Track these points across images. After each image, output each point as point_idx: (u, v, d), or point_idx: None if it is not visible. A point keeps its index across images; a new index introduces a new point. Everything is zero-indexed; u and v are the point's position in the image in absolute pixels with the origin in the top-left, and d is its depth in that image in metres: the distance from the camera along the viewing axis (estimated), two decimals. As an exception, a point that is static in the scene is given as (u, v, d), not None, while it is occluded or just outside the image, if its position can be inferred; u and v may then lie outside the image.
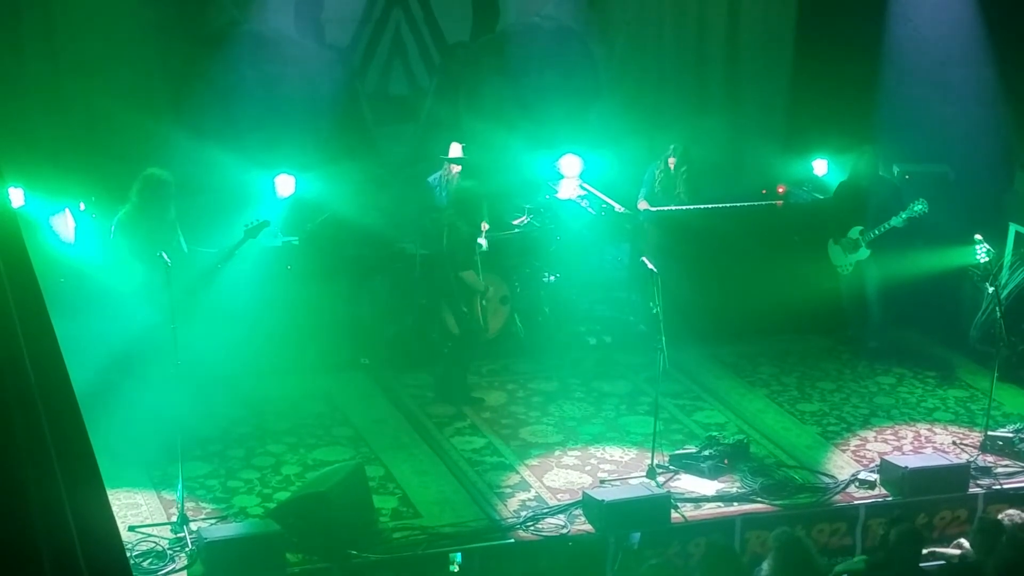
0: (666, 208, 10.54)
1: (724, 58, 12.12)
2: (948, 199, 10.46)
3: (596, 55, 11.89)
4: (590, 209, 10.65)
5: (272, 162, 10.33)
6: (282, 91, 11.04)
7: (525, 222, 10.53)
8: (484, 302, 9.26)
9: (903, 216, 9.83)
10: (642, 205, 10.61)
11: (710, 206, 10.61)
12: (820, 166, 11.48)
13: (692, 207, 10.57)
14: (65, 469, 3.47)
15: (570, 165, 11.05)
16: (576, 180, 11.01)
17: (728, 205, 10.66)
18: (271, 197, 9.91)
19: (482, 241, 10.27)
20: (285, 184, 9.97)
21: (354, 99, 11.35)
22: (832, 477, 8.29)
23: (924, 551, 6.90)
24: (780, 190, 11.11)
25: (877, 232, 9.94)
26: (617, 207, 10.57)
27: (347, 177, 10.79)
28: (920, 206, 9.74)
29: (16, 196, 8.76)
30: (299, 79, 11.11)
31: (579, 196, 10.78)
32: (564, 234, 10.61)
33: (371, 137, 11.48)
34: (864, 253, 10.07)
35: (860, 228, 10.03)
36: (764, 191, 11.12)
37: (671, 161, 10.60)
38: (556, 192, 10.93)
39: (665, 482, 8.03)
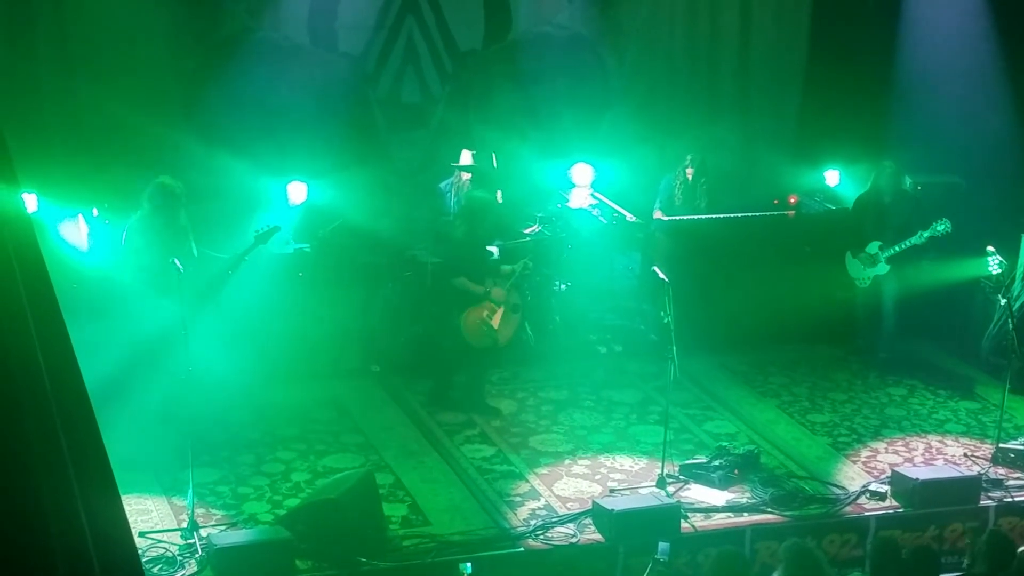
0: (677, 217, 10.53)
1: (736, 67, 12.12)
2: (960, 210, 10.42)
3: (608, 64, 11.90)
4: (601, 218, 10.65)
5: (284, 169, 10.36)
6: (294, 98, 11.05)
7: (536, 231, 10.54)
8: (487, 314, 9.03)
9: (925, 235, 9.79)
10: (658, 215, 10.61)
11: (721, 216, 10.60)
12: (832, 176, 11.46)
13: (703, 217, 10.56)
14: (80, 474, 3.48)
15: (581, 174, 11.05)
16: (587, 189, 11.01)
17: (740, 215, 10.65)
18: (283, 204, 9.93)
19: (493, 249, 10.29)
20: (297, 191, 9.99)
21: (366, 106, 11.37)
22: (843, 488, 8.27)
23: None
24: (792, 200, 11.10)
25: (897, 249, 9.91)
26: (628, 216, 10.58)
27: (359, 184, 10.81)
28: (943, 226, 9.70)
29: (30, 202, 8.79)
30: (312, 86, 11.13)
31: (590, 205, 10.78)
32: (575, 243, 10.61)
33: (383, 144, 11.49)
34: (883, 268, 10.03)
35: (879, 243, 10.00)
36: (776, 201, 11.11)
37: (689, 172, 10.59)
38: (567, 201, 10.93)
39: (675, 492, 8.03)
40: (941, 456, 8.85)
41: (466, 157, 10.39)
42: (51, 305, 3.64)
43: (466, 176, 10.35)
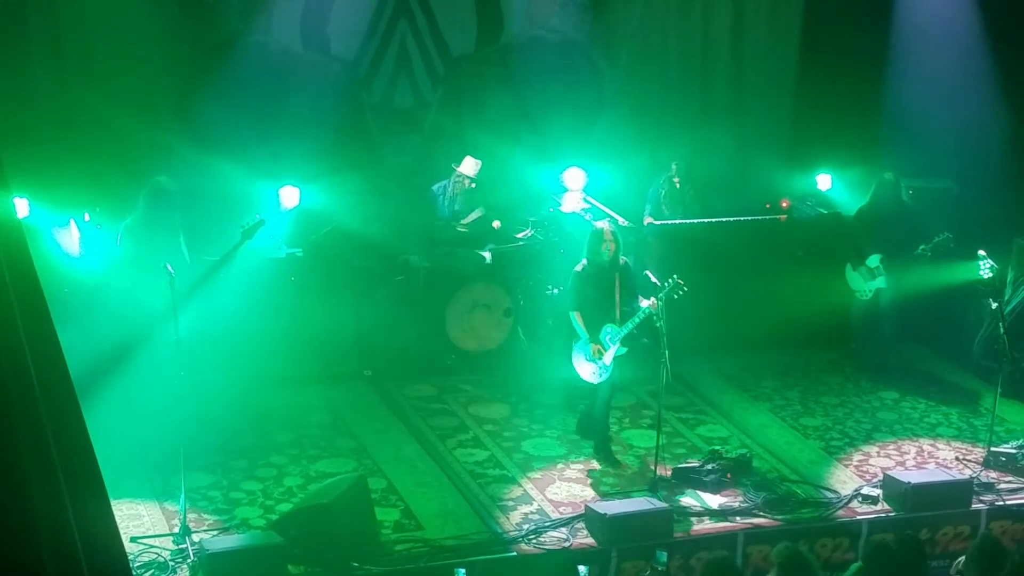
0: (670, 221, 10.54)
1: (728, 71, 12.13)
2: (952, 214, 10.45)
3: (600, 68, 11.91)
4: (594, 222, 10.64)
5: (277, 173, 10.36)
6: (287, 102, 11.07)
7: (529, 235, 10.56)
8: (598, 350, 8.32)
9: (928, 250, 9.78)
10: (648, 221, 10.59)
11: (714, 220, 10.61)
12: (824, 180, 11.48)
13: (696, 220, 10.57)
14: (69, 479, 3.47)
15: (574, 178, 11.05)
16: (580, 193, 11.01)
17: (732, 219, 10.66)
18: (276, 208, 9.91)
19: (486, 254, 10.30)
20: (290, 195, 9.98)
21: (359, 111, 11.37)
22: (835, 492, 8.28)
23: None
24: (784, 204, 11.11)
25: (899, 263, 9.91)
26: (621, 220, 10.57)
27: (351, 188, 10.82)
28: (943, 239, 9.69)
29: (21, 206, 8.78)
30: (304, 91, 11.14)
31: (583, 209, 10.79)
32: (567, 247, 10.61)
33: (376, 148, 11.49)
34: (884, 282, 10.05)
35: (880, 256, 10.00)
36: (768, 205, 11.12)
37: (676, 181, 10.59)
38: (560, 205, 10.93)
39: (668, 496, 8.03)
40: (933, 460, 8.87)
41: (469, 165, 10.36)
42: (41, 311, 3.64)
43: (468, 183, 10.36)
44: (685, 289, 8.19)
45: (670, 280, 8.19)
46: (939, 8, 11.80)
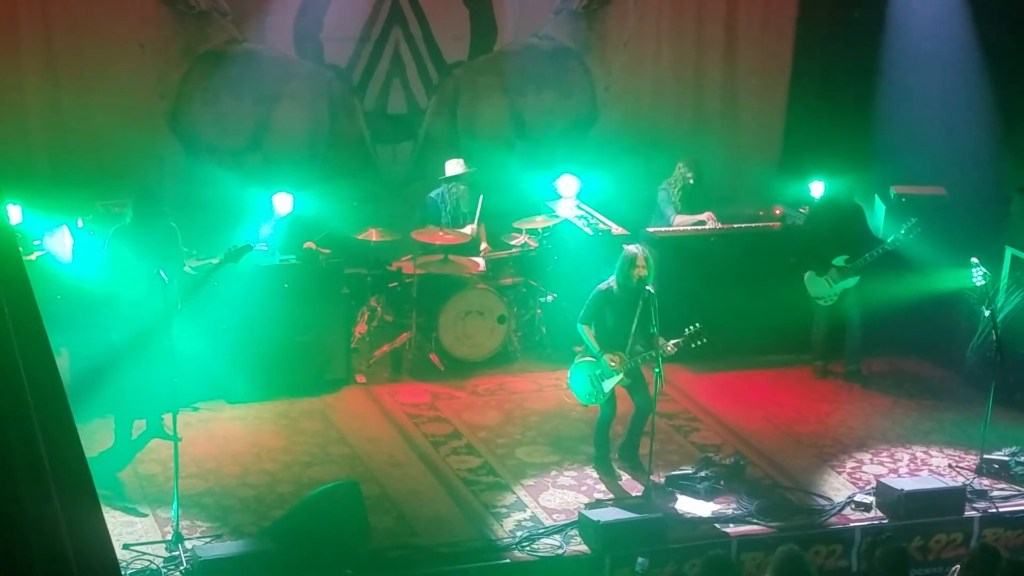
0: (663, 230, 10.54)
1: (721, 79, 12.14)
2: (944, 222, 10.46)
3: (594, 75, 11.92)
4: (587, 229, 10.65)
5: (270, 180, 10.35)
6: (280, 109, 11.07)
7: (522, 242, 10.56)
8: (616, 364, 8.21)
9: (901, 236, 9.82)
10: (673, 222, 10.53)
11: (707, 228, 10.62)
12: (817, 188, 11.48)
13: (689, 229, 10.56)
14: (60, 485, 3.47)
15: (567, 185, 11.07)
16: (573, 200, 11.02)
17: (725, 227, 10.67)
18: (269, 215, 9.91)
19: (480, 260, 10.31)
20: (283, 202, 9.97)
21: (352, 117, 11.38)
22: (828, 499, 8.28)
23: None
24: (777, 212, 11.12)
25: (870, 257, 9.91)
26: (615, 228, 10.58)
27: (345, 195, 10.82)
28: (913, 223, 9.76)
29: (14, 213, 8.77)
30: (298, 97, 11.14)
31: (576, 216, 10.80)
32: (561, 254, 10.62)
33: (369, 155, 11.50)
34: (853, 280, 10.03)
35: (846, 256, 10.00)
36: (761, 212, 11.13)
37: (689, 178, 10.55)
38: (553, 212, 10.94)
39: (661, 503, 8.01)
40: (926, 467, 8.87)
41: (453, 166, 10.39)
42: (33, 317, 3.63)
43: (462, 186, 10.37)
44: (705, 340, 8.22)
45: (691, 327, 8.21)
46: (931, 18, 11.82)
